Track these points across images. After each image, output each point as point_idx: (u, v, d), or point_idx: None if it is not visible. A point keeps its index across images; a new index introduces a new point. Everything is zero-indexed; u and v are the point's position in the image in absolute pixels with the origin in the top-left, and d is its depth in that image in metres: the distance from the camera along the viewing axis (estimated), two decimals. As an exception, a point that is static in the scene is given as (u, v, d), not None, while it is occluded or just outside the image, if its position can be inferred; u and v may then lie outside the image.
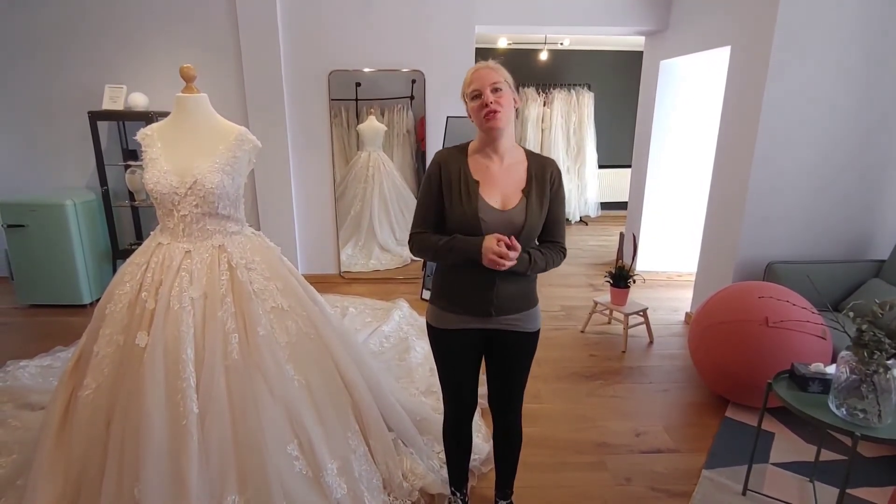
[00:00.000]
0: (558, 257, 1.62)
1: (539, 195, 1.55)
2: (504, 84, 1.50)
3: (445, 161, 1.57)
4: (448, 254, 1.52)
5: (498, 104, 1.47)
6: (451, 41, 4.15)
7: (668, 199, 4.74)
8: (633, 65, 6.49)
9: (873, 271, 3.04)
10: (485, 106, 1.47)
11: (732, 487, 2.12)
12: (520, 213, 1.52)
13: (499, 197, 1.53)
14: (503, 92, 1.49)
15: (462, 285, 1.58)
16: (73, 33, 3.99)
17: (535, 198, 1.54)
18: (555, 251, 1.60)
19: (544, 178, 1.56)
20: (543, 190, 1.55)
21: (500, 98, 1.48)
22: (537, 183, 1.55)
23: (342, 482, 1.85)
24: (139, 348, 1.69)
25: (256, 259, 1.93)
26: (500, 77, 1.50)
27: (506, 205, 1.53)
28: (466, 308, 1.59)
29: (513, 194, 1.54)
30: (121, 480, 1.62)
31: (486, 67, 1.51)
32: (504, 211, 1.52)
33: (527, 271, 1.54)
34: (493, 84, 1.48)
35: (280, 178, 4.27)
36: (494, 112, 1.47)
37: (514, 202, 1.53)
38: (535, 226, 1.55)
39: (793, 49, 2.90)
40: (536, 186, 1.55)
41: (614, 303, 3.45)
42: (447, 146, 1.84)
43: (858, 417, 1.64)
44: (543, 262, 1.56)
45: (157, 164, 1.82)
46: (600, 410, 2.68)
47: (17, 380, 2.75)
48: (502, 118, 1.49)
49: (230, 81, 4.12)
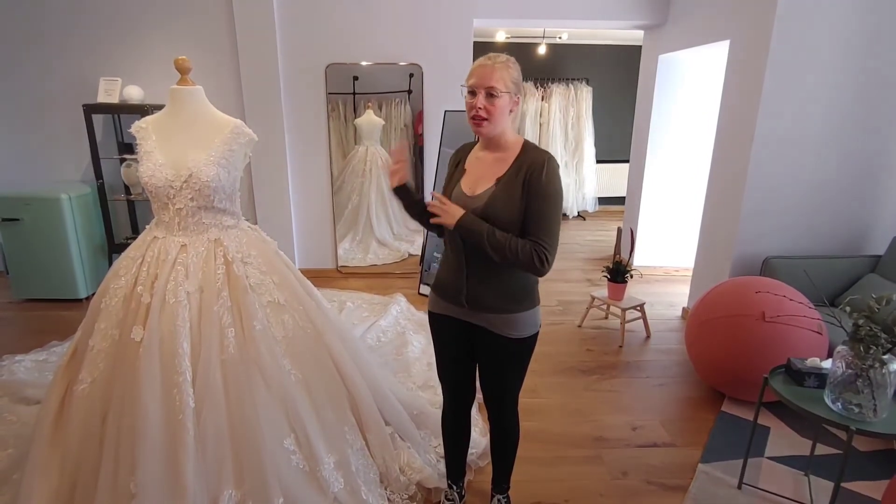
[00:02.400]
0: (527, 251, 1.43)
1: (510, 185, 1.47)
2: (502, 90, 1.44)
3: (457, 153, 1.67)
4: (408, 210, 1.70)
5: (487, 111, 1.45)
6: (450, 35, 4.13)
7: (666, 194, 4.74)
8: (631, 59, 6.47)
9: (870, 266, 3.05)
10: (473, 108, 1.46)
11: (728, 481, 2.13)
12: (481, 199, 1.51)
13: (473, 184, 1.56)
14: (498, 99, 1.44)
15: (443, 270, 1.66)
16: (68, 26, 3.95)
17: (503, 186, 1.48)
18: (525, 243, 1.45)
19: (521, 169, 1.47)
20: (517, 180, 1.47)
21: (492, 106, 1.44)
22: (515, 173, 1.48)
23: (339, 476, 1.86)
24: (135, 342, 1.68)
25: (253, 253, 1.92)
26: (500, 81, 1.43)
27: (474, 191, 1.54)
28: (446, 295, 1.64)
29: (486, 182, 1.53)
30: (117, 475, 1.61)
31: (490, 66, 1.44)
32: (470, 196, 1.54)
33: (482, 236, 1.44)
34: (489, 88, 1.43)
35: (277, 172, 4.25)
36: (480, 119, 1.46)
37: (482, 189, 1.53)
38: (497, 214, 1.46)
39: (792, 43, 2.89)
40: (512, 176, 1.48)
41: (611, 298, 3.45)
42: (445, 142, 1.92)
43: (854, 412, 1.64)
44: (504, 240, 1.43)
45: (152, 157, 1.81)
46: (597, 405, 2.69)
47: (12, 374, 2.74)
48: (487, 127, 1.47)
49: (226, 74, 4.09)
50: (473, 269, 1.55)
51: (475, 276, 1.56)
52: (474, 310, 1.59)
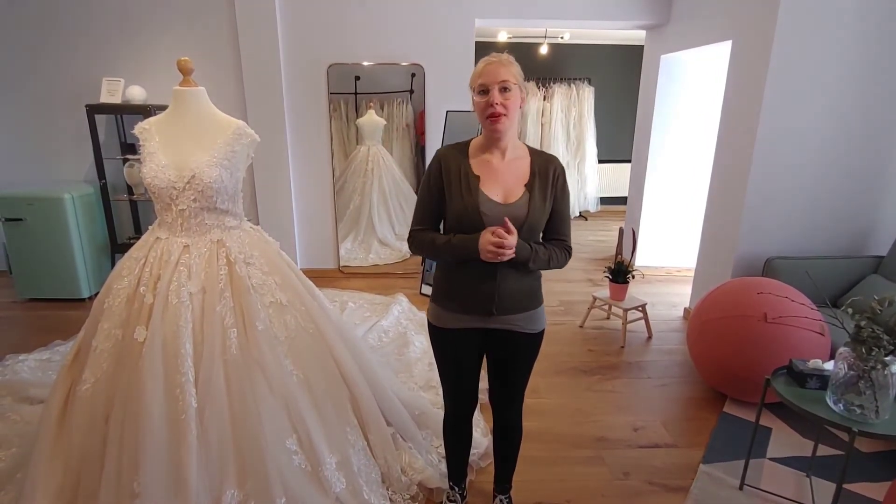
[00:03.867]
0: (562, 255, 1.58)
1: (542, 190, 1.52)
2: (514, 83, 1.45)
3: (445, 158, 1.56)
4: (447, 253, 1.51)
5: (504, 107, 1.44)
6: (451, 35, 4.13)
7: (668, 194, 4.73)
8: (633, 59, 6.46)
9: (872, 267, 3.04)
10: (490, 105, 1.44)
11: (730, 482, 2.13)
12: (522, 207, 1.50)
13: (500, 191, 1.51)
14: (511, 93, 1.45)
15: (464, 283, 1.55)
16: (71, 26, 3.96)
17: (538, 192, 1.51)
18: (559, 248, 1.57)
19: (547, 173, 1.53)
20: (546, 185, 1.53)
21: (507, 100, 1.44)
22: (540, 178, 1.53)
23: (341, 476, 1.86)
24: (138, 343, 1.69)
25: (255, 254, 1.93)
26: (510, 75, 1.44)
27: (507, 198, 1.51)
28: (468, 307, 1.57)
29: (515, 188, 1.52)
30: (120, 475, 1.62)
31: (497, 62, 1.45)
32: (506, 205, 1.50)
33: (529, 262, 1.50)
34: (502, 83, 1.43)
35: (279, 173, 4.26)
36: (499, 116, 1.44)
37: (517, 196, 1.51)
38: (537, 220, 1.52)
39: (794, 44, 2.88)
40: (540, 181, 1.52)
41: (613, 298, 3.45)
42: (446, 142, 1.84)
43: (856, 413, 1.64)
44: (546, 255, 1.53)
45: (155, 158, 1.81)
46: (598, 405, 2.69)
47: (15, 374, 2.76)
48: (506, 122, 1.46)
49: (228, 75, 4.10)
50: (505, 275, 1.53)
51: (508, 286, 1.54)
52: (503, 314, 1.57)
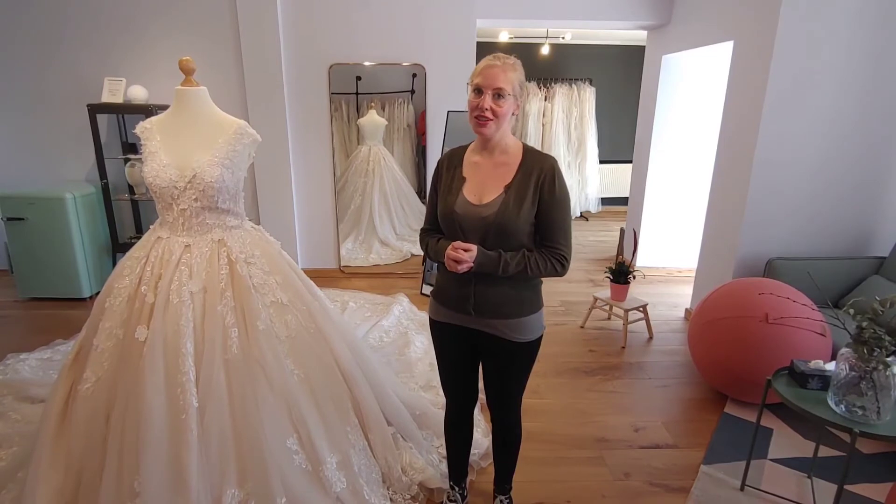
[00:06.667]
0: (549, 264, 1.50)
1: (520, 191, 1.47)
2: (510, 92, 1.44)
3: (448, 158, 1.61)
4: (432, 254, 1.61)
5: (493, 113, 1.44)
6: (453, 35, 4.13)
7: (669, 194, 4.73)
8: (634, 59, 6.46)
9: (874, 268, 3.04)
10: (480, 108, 1.44)
11: (731, 483, 2.12)
12: (492, 208, 1.48)
13: (479, 192, 1.52)
14: (504, 100, 1.44)
15: (447, 281, 1.61)
16: (72, 25, 3.96)
17: (514, 193, 1.47)
18: (548, 257, 1.50)
19: (531, 175, 1.48)
20: (527, 187, 1.47)
21: (498, 107, 1.44)
22: (523, 179, 1.48)
23: (342, 476, 1.86)
24: (139, 342, 1.69)
25: (256, 253, 1.93)
26: (508, 83, 1.43)
27: (481, 199, 1.51)
28: (449, 303, 1.61)
29: (493, 189, 1.51)
30: (121, 474, 1.62)
31: (499, 67, 1.43)
32: (478, 205, 1.50)
33: (498, 272, 1.47)
34: (497, 89, 1.43)
35: (280, 173, 4.26)
36: (486, 120, 1.45)
37: (491, 197, 1.50)
38: (509, 222, 1.46)
39: (796, 44, 2.88)
40: (520, 183, 1.48)
41: (614, 298, 3.45)
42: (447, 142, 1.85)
43: (857, 414, 1.64)
44: (521, 265, 1.47)
45: (157, 157, 1.82)
46: (599, 406, 2.69)
47: (17, 373, 2.76)
48: (491, 127, 1.46)
49: (230, 75, 4.10)
50: (481, 276, 1.52)
51: (483, 284, 1.54)
52: (481, 317, 1.57)
